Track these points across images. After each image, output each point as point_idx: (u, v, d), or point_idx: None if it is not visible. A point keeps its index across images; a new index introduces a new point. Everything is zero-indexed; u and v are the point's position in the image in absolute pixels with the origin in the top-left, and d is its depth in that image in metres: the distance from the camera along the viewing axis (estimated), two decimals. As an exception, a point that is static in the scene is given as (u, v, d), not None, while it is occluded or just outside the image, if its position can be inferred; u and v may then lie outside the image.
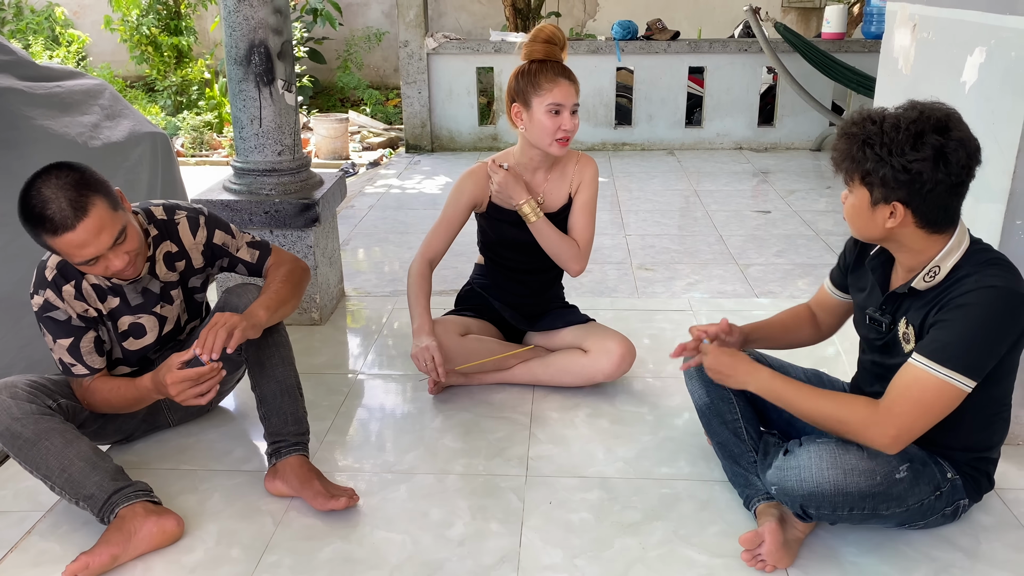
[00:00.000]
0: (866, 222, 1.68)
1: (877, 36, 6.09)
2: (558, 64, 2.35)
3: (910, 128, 1.56)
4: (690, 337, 2.01)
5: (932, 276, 1.67)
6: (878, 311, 1.81)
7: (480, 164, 2.51)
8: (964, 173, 1.58)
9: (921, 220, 1.63)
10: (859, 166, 1.62)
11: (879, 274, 1.81)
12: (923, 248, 1.67)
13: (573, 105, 2.33)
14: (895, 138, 1.56)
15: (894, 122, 1.58)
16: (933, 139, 1.55)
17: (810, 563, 1.82)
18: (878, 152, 1.58)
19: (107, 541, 1.80)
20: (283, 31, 2.91)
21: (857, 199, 1.67)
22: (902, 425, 1.61)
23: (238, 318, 1.92)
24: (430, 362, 2.35)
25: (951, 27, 2.31)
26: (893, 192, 1.59)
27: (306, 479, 2.01)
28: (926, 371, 1.60)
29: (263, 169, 2.97)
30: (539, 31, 2.37)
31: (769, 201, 4.97)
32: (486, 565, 1.83)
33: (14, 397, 1.87)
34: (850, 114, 1.68)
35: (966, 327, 1.59)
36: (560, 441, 2.32)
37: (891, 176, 1.57)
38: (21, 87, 2.80)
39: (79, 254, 1.81)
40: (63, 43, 8.98)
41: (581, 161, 2.54)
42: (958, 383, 1.59)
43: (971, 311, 1.59)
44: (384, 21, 9.93)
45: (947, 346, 1.59)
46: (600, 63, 6.26)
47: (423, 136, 6.50)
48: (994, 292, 1.58)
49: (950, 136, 1.55)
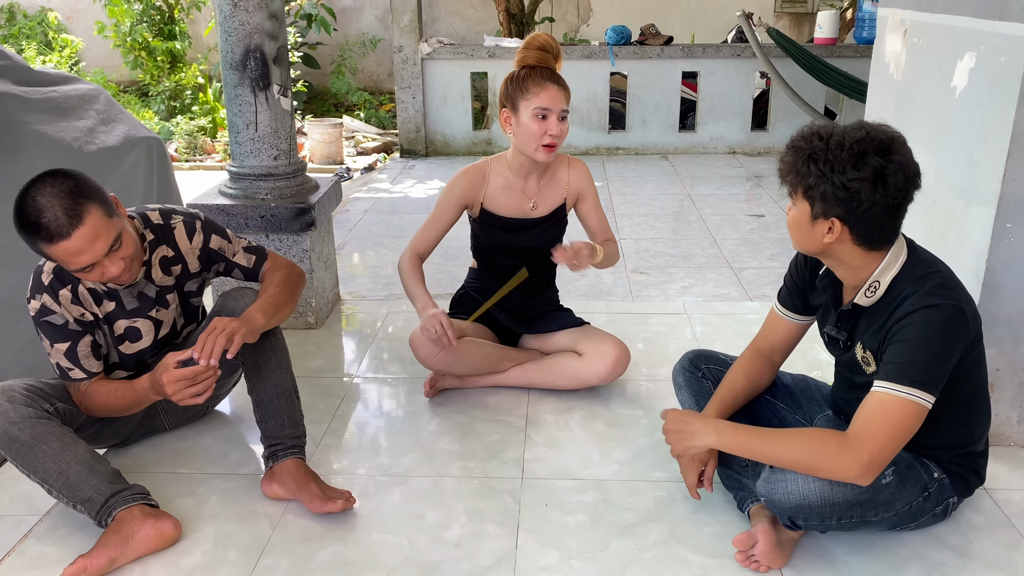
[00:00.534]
0: (805, 235, 1.71)
1: (869, 41, 6.12)
2: (547, 70, 2.36)
3: (854, 148, 1.59)
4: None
5: (873, 291, 1.72)
6: (835, 329, 1.85)
7: (475, 164, 2.52)
8: (901, 196, 1.62)
9: (858, 237, 1.67)
10: (803, 180, 1.66)
11: (830, 293, 1.85)
12: (860, 264, 1.71)
13: (561, 111, 2.34)
14: (838, 156, 1.60)
15: (839, 140, 1.62)
16: (874, 160, 1.58)
17: (804, 563, 1.83)
18: (821, 168, 1.62)
19: (105, 544, 1.80)
20: (279, 36, 2.93)
21: (799, 211, 1.71)
22: (873, 449, 1.60)
23: (237, 323, 1.93)
24: (439, 328, 2.31)
25: (942, 32, 2.34)
26: (832, 208, 1.63)
27: (303, 482, 2.02)
28: (887, 393, 1.62)
29: (259, 173, 2.98)
30: (533, 39, 2.38)
31: (762, 205, 5.00)
32: (482, 567, 1.84)
33: (11, 401, 1.87)
34: (800, 129, 1.71)
35: (913, 347, 1.62)
36: (555, 444, 2.33)
37: (831, 193, 1.61)
38: (17, 92, 2.80)
39: (75, 261, 1.82)
40: (56, 48, 8.97)
41: (573, 166, 2.55)
42: (919, 399, 1.61)
43: (915, 331, 1.62)
44: (378, 27, 9.95)
45: (901, 366, 1.62)
46: (594, 68, 6.29)
47: (418, 141, 6.51)
48: (934, 310, 1.62)
49: (891, 159, 1.59)
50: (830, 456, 1.63)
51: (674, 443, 1.82)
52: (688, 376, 2.15)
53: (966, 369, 1.73)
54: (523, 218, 2.52)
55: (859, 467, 1.60)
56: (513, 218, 2.52)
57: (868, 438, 1.61)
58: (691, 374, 2.15)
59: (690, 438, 1.79)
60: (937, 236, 2.31)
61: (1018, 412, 2.24)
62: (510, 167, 2.49)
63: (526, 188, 2.50)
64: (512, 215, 2.51)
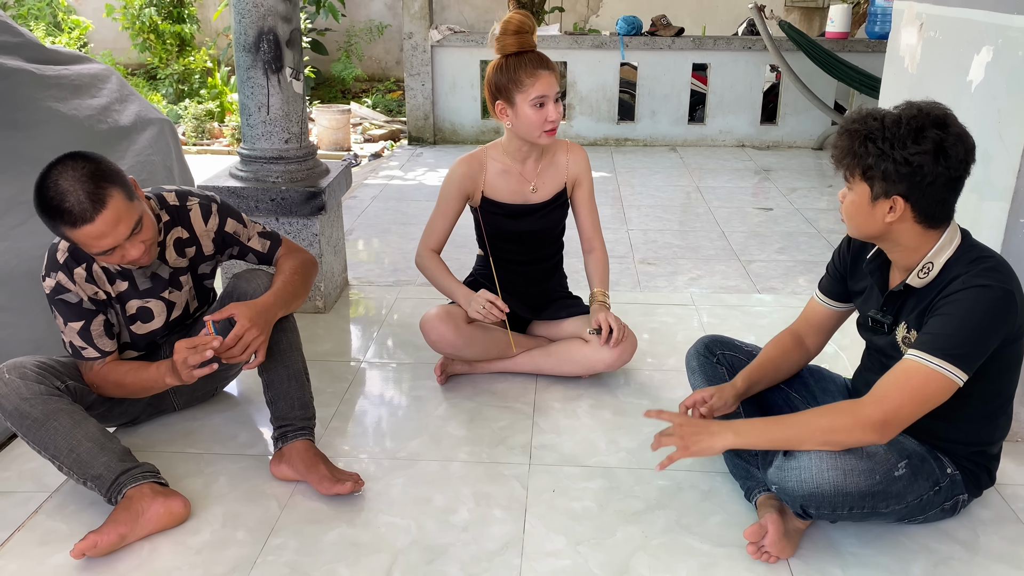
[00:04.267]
0: (865, 218, 1.71)
1: (881, 36, 6.10)
2: (534, 55, 2.33)
3: (911, 123, 1.60)
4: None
5: (926, 272, 1.71)
6: (879, 312, 1.84)
7: (472, 153, 2.51)
8: (962, 167, 1.62)
9: (919, 214, 1.67)
10: (861, 161, 1.65)
11: (877, 277, 1.85)
12: (918, 245, 1.71)
13: (556, 94, 2.34)
14: (896, 133, 1.60)
15: (895, 118, 1.62)
16: (933, 133, 1.59)
17: (811, 554, 1.84)
18: (880, 146, 1.61)
19: (115, 520, 1.81)
20: (292, 19, 2.92)
21: (857, 195, 1.70)
22: (888, 408, 1.61)
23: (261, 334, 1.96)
24: (488, 304, 2.36)
25: (958, 26, 2.32)
26: (894, 186, 1.63)
27: (312, 463, 2.02)
28: (916, 361, 1.63)
29: (270, 157, 2.98)
30: (507, 23, 2.32)
31: (771, 199, 4.99)
32: (490, 551, 1.85)
33: (23, 378, 1.88)
34: (850, 113, 1.71)
35: (956, 321, 1.62)
36: (563, 431, 2.34)
37: (892, 170, 1.61)
38: (30, 68, 2.80)
39: (97, 245, 1.82)
40: (65, 29, 8.96)
41: (572, 150, 2.55)
42: (949, 373, 1.61)
43: (961, 306, 1.62)
44: (386, 13, 9.92)
45: (937, 338, 1.63)
46: (604, 58, 6.27)
47: (426, 128, 6.50)
48: (984, 289, 1.62)
49: (949, 131, 1.60)
50: (844, 415, 1.65)
51: (690, 443, 1.74)
52: (703, 361, 2.15)
53: (1004, 361, 1.72)
54: (524, 203, 2.52)
55: (872, 423, 1.61)
56: (515, 204, 2.51)
57: (885, 398, 1.63)
58: (705, 359, 2.15)
59: (708, 438, 1.74)
60: (949, 230, 2.30)
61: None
62: (507, 152, 2.49)
63: (524, 171, 2.50)
64: (513, 200, 2.51)
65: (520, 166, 2.50)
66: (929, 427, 1.75)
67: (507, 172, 2.50)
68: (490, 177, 2.49)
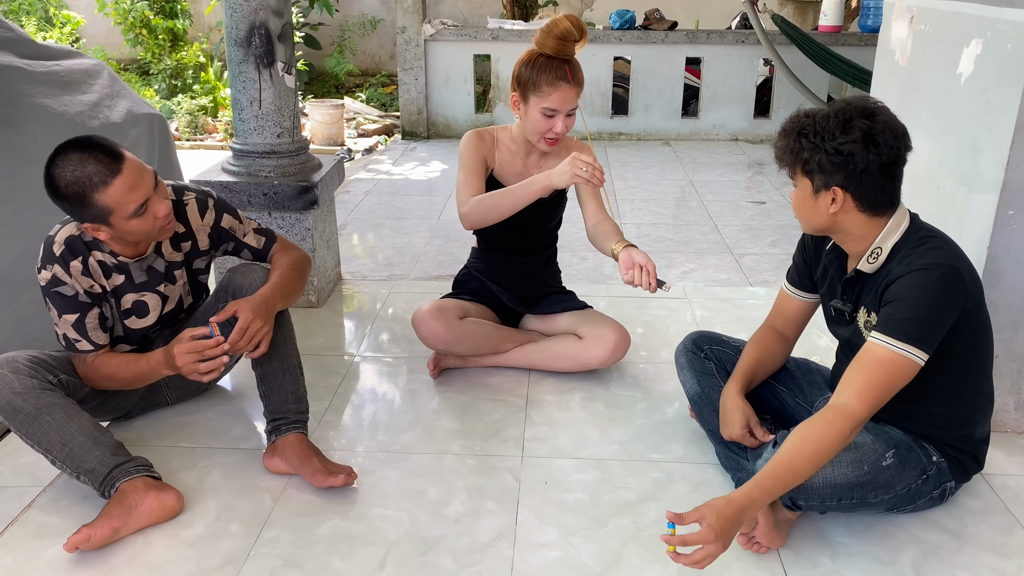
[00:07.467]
0: (811, 211, 1.76)
1: (873, 30, 6.11)
2: (565, 64, 2.28)
3: (839, 116, 1.67)
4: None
5: (875, 257, 1.75)
6: (840, 300, 1.88)
7: (484, 128, 2.51)
8: (893, 153, 1.66)
9: (861, 203, 1.71)
10: (798, 156, 1.72)
11: (835, 267, 1.89)
12: (866, 233, 1.75)
13: (569, 109, 2.32)
14: (826, 126, 1.67)
15: (825, 114, 1.70)
16: (861, 123, 1.65)
17: (801, 544, 1.85)
18: (812, 140, 1.68)
19: (108, 514, 1.81)
20: (284, 13, 2.92)
21: (801, 190, 1.75)
22: (861, 396, 1.61)
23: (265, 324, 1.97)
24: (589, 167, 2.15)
25: (948, 19, 2.33)
26: (831, 177, 1.68)
27: (305, 456, 2.03)
28: (877, 344, 1.65)
29: (262, 151, 2.98)
30: (555, 24, 2.27)
31: (764, 192, 5.00)
32: (483, 542, 1.86)
33: (15, 372, 1.88)
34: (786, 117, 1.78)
35: (907, 303, 1.65)
36: (555, 423, 2.35)
37: (827, 161, 1.67)
38: (20, 64, 2.79)
39: (132, 198, 1.84)
40: (56, 24, 8.92)
41: (580, 150, 2.55)
42: (909, 354, 1.62)
43: (911, 288, 1.65)
44: (380, 8, 9.90)
45: (893, 320, 1.65)
46: (597, 52, 6.27)
47: (419, 123, 6.49)
48: (929, 269, 1.65)
49: (876, 119, 1.66)
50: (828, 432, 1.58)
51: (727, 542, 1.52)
52: (691, 356, 2.17)
53: (967, 338, 1.74)
54: None
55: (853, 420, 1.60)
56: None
57: (854, 381, 1.63)
58: (694, 355, 2.17)
59: (736, 526, 1.54)
60: (939, 223, 2.28)
61: (1015, 399, 2.25)
62: (514, 140, 2.50)
63: (527, 164, 2.51)
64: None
65: (524, 157, 2.51)
66: (908, 413, 1.78)
67: (513, 159, 2.51)
68: (499, 156, 2.50)
